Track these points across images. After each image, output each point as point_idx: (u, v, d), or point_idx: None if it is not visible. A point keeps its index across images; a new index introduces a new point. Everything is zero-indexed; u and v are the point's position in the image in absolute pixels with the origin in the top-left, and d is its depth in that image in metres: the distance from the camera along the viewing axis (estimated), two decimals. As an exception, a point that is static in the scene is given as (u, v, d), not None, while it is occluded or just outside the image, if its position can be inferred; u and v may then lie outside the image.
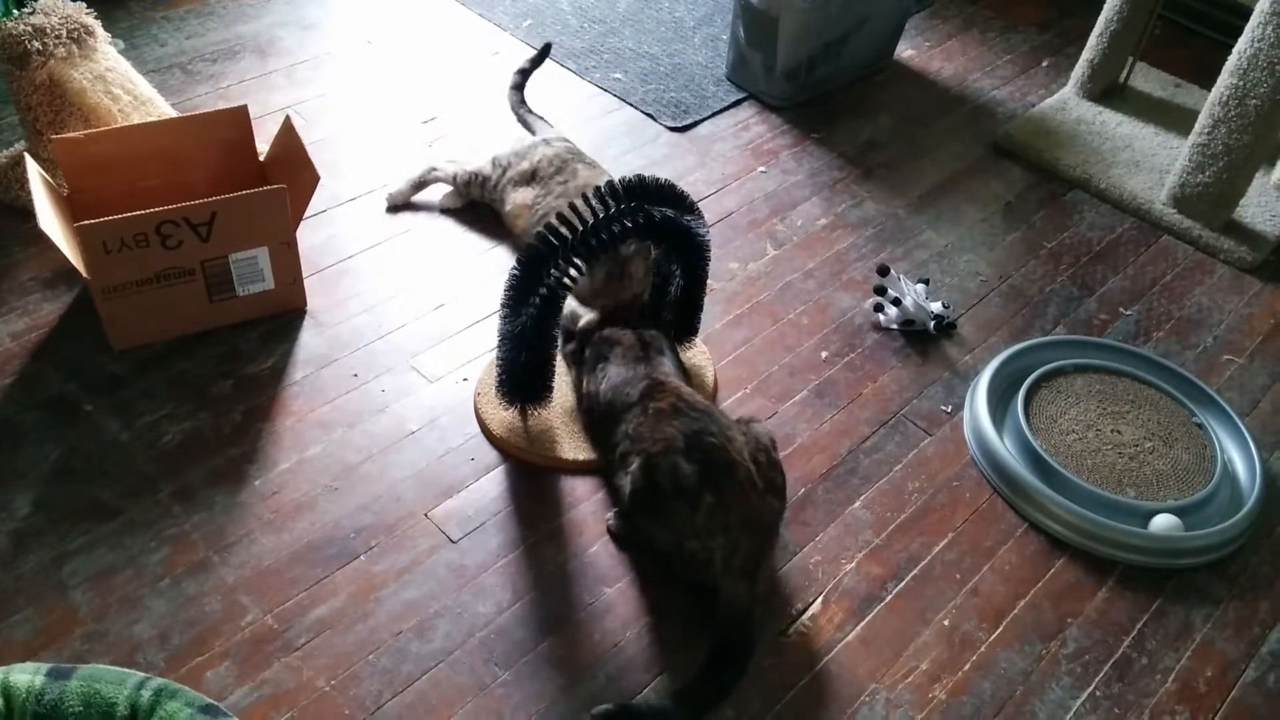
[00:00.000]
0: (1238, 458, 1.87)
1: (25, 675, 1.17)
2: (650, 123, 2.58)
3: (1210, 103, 2.24)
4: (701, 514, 1.49)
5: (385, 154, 2.39)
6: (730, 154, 2.51)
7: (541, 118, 2.38)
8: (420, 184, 2.27)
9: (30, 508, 1.62)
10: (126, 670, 1.21)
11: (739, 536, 1.49)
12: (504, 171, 2.17)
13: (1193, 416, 1.91)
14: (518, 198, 2.13)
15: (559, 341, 1.74)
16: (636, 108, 2.62)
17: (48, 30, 1.97)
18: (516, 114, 2.43)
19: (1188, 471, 1.82)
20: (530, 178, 2.13)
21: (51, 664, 1.19)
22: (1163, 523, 1.71)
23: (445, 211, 2.23)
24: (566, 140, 2.22)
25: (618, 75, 2.72)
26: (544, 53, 2.50)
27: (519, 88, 2.46)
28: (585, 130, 2.53)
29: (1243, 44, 2.15)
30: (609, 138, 2.51)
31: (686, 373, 1.81)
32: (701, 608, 1.54)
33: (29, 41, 1.95)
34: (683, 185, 1.75)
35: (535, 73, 2.50)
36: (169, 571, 1.56)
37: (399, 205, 2.25)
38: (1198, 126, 2.28)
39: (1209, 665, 1.59)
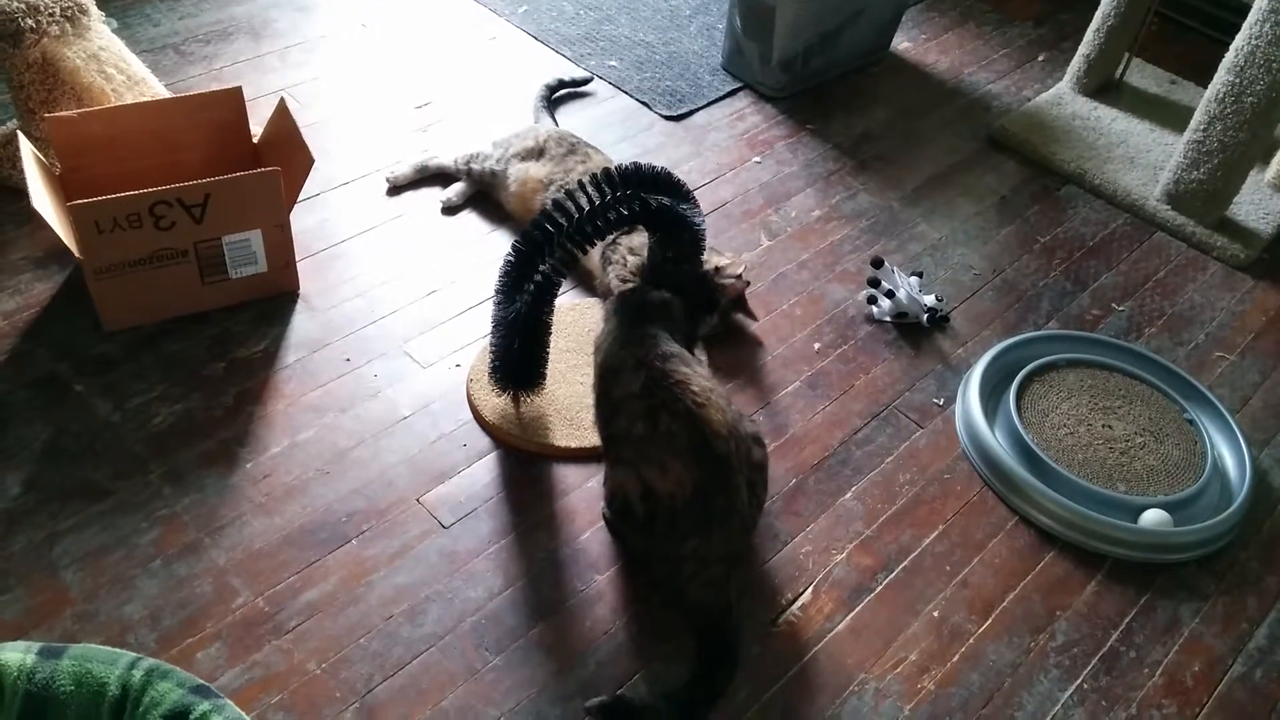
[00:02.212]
0: (1228, 454, 1.88)
1: (16, 654, 1.16)
2: (645, 111, 2.58)
3: (1206, 100, 2.25)
4: (685, 548, 1.48)
5: (379, 138, 2.38)
6: (725, 144, 2.51)
7: (554, 120, 2.42)
8: (422, 168, 2.26)
9: (20, 488, 1.61)
10: (118, 650, 1.21)
11: (713, 565, 1.49)
12: (506, 149, 2.17)
13: (1184, 413, 1.92)
14: (529, 170, 2.12)
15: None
16: (631, 96, 2.62)
17: (41, 8, 1.95)
18: (535, 107, 2.46)
19: (1178, 467, 1.83)
20: (538, 154, 2.14)
21: (43, 643, 1.19)
22: (1152, 518, 1.72)
23: (449, 211, 2.22)
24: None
25: (613, 63, 2.72)
26: (583, 82, 2.59)
27: (552, 90, 2.52)
28: (579, 117, 2.52)
29: (1240, 41, 2.16)
30: (603, 126, 2.51)
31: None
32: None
33: (22, 19, 1.93)
34: (677, 174, 1.74)
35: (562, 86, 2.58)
36: (160, 552, 1.55)
37: (400, 187, 2.25)
38: (1193, 123, 2.29)
39: (1196, 660, 1.60)
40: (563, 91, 2.57)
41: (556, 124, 2.41)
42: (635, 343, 1.54)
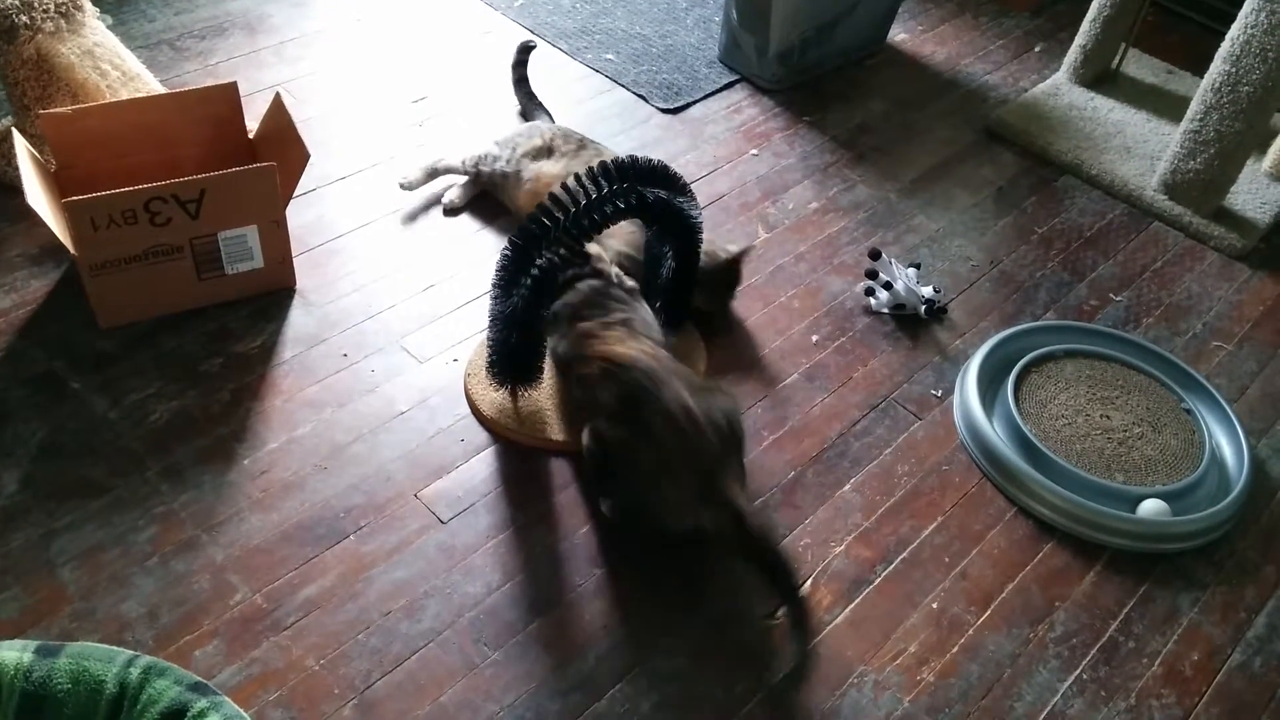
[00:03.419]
0: (1226, 444, 1.88)
1: (13, 652, 1.16)
2: (642, 104, 2.57)
3: (1202, 89, 2.24)
4: (670, 462, 1.52)
5: (375, 133, 2.38)
6: (722, 136, 2.51)
7: (547, 111, 2.40)
8: (432, 171, 2.22)
9: (17, 485, 1.61)
10: (115, 648, 1.21)
11: (705, 480, 1.52)
12: (514, 149, 2.16)
13: (1182, 402, 1.92)
14: (543, 169, 2.11)
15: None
16: (628, 89, 2.61)
17: (36, 4, 1.94)
18: (523, 107, 2.45)
19: (1176, 457, 1.83)
20: (548, 153, 2.13)
21: (40, 641, 1.19)
22: (1151, 508, 1.72)
23: (451, 212, 2.19)
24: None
25: (609, 56, 2.71)
26: (525, 50, 2.49)
27: (523, 80, 2.47)
28: (577, 111, 2.52)
29: (1235, 30, 2.15)
30: (601, 119, 2.50)
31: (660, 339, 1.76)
32: (689, 589, 1.55)
33: (16, 15, 1.92)
34: (674, 167, 1.74)
35: (529, 62, 2.51)
36: (157, 550, 1.55)
37: (412, 189, 2.20)
38: (1189, 113, 2.29)
39: (1195, 649, 1.60)
40: (527, 68, 2.49)
41: (543, 107, 2.40)
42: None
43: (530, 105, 2.43)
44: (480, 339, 1.91)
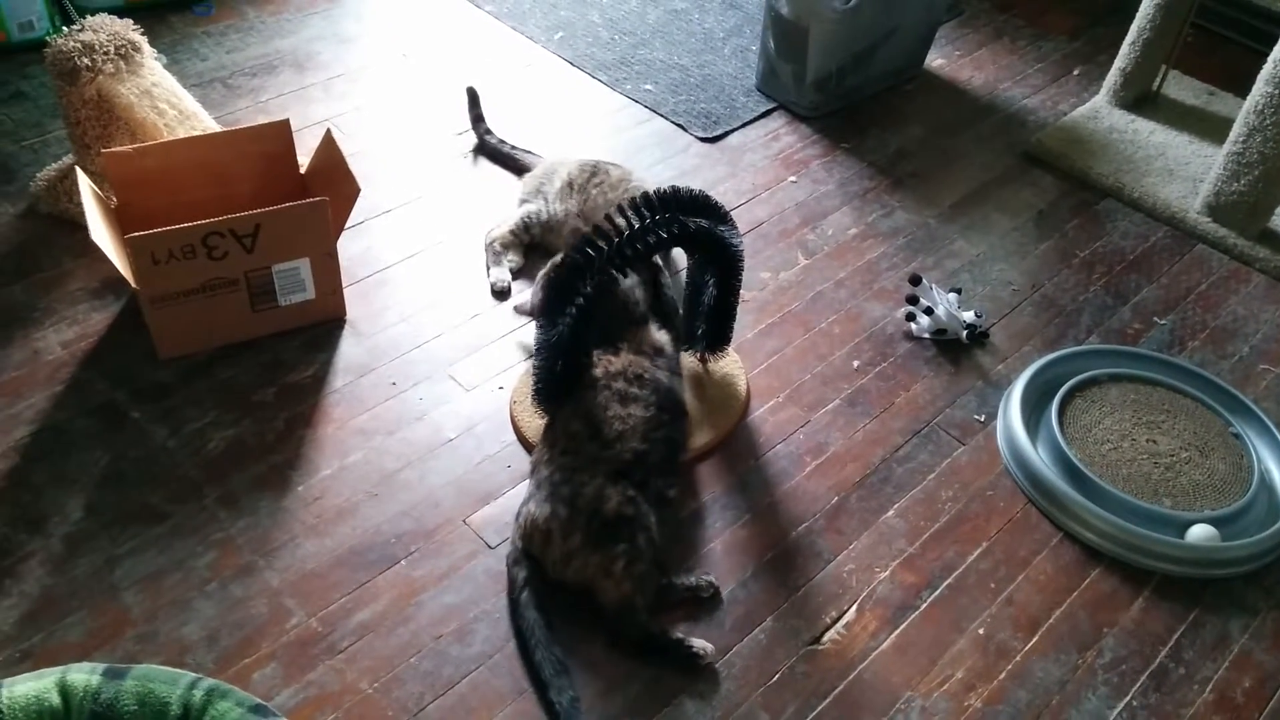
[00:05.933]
0: (1275, 468, 1.87)
1: (82, 674, 1.20)
2: (681, 133, 2.61)
3: (1245, 111, 2.23)
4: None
5: (420, 166, 2.43)
6: (761, 164, 2.53)
7: (529, 151, 2.43)
8: (498, 255, 2.17)
9: (82, 512, 1.66)
10: (178, 670, 1.24)
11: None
12: (546, 198, 2.20)
13: (1229, 426, 1.91)
14: (571, 205, 2.16)
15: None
16: (667, 118, 2.65)
17: (96, 47, 2.02)
18: (500, 154, 2.44)
19: (1224, 482, 1.82)
20: (569, 188, 2.17)
21: (107, 664, 1.23)
22: (1199, 533, 1.71)
23: (501, 295, 2.11)
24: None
25: (648, 87, 2.75)
26: (474, 98, 2.50)
27: (489, 132, 2.47)
28: (616, 141, 2.56)
29: (1278, 52, 2.15)
30: (640, 148, 2.54)
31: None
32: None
33: (78, 57, 2.00)
34: (714, 195, 1.76)
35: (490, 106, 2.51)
36: (216, 575, 1.59)
37: (509, 286, 2.12)
38: (1232, 135, 2.28)
39: (1247, 676, 1.58)
40: (484, 119, 2.51)
41: (519, 148, 2.43)
42: None
43: (508, 148, 2.43)
44: (525, 367, 1.94)
